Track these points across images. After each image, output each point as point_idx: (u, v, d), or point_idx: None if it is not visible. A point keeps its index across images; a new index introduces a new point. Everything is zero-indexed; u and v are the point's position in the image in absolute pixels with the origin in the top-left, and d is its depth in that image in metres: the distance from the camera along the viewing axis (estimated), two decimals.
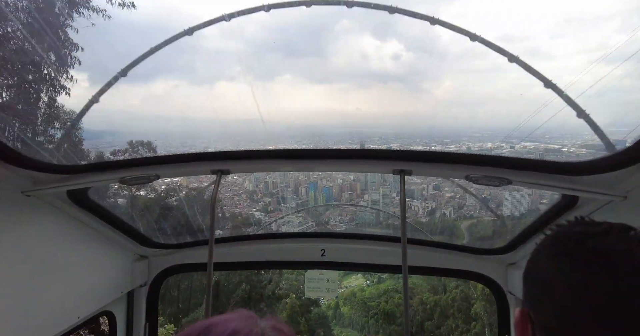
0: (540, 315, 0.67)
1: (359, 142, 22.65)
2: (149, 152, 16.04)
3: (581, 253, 0.63)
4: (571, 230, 0.69)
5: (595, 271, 0.60)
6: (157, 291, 2.64)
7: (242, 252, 2.58)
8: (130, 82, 28.72)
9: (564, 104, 11.63)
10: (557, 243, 0.69)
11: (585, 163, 1.45)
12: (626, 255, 0.60)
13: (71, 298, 1.97)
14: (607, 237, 0.63)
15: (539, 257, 0.72)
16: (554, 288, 0.65)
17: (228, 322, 0.67)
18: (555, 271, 0.66)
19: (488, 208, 20.13)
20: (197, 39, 38.46)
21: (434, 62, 38.11)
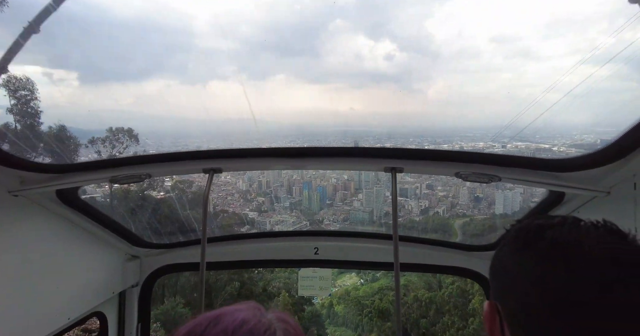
0: (506, 307, 0.70)
1: (352, 141, 22.68)
2: (130, 140, 15.36)
3: (541, 245, 0.67)
4: (531, 223, 0.72)
5: (553, 263, 0.64)
6: (149, 291, 2.62)
7: (235, 251, 2.58)
8: (120, 80, 28.36)
9: (554, 104, 11.80)
10: (519, 237, 0.72)
11: (570, 160, 1.49)
12: (577, 245, 0.63)
13: (61, 299, 1.95)
14: (562, 228, 0.67)
15: (503, 251, 0.76)
16: (517, 282, 0.68)
17: (237, 312, 0.69)
18: (518, 264, 0.69)
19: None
20: (190, 38, 38.17)
21: (427, 62, 38.41)
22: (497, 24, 38.63)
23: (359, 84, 41.43)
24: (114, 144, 15.50)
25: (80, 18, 22.53)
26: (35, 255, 1.80)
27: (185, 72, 37.20)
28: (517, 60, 38.04)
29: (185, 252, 2.59)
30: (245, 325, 0.66)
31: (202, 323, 0.67)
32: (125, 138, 15.78)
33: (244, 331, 0.64)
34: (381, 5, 41.01)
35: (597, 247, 0.62)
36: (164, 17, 39.70)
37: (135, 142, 15.96)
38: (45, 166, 1.68)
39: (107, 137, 15.38)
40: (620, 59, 11.16)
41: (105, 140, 15.26)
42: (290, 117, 37.12)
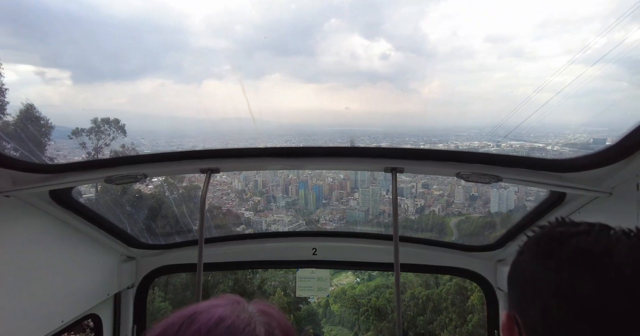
0: (527, 317, 0.67)
1: (348, 140, 22.71)
2: (117, 131, 14.46)
3: (564, 253, 0.63)
4: (554, 230, 0.69)
5: (578, 272, 0.60)
6: (145, 292, 2.58)
7: (232, 251, 2.55)
8: (114, 79, 28.06)
9: (548, 104, 11.92)
10: (540, 244, 0.69)
11: (572, 161, 1.48)
12: (606, 255, 0.60)
13: (54, 302, 1.91)
14: (588, 237, 0.63)
15: (522, 259, 0.72)
16: (539, 290, 0.65)
17: (214, 309, 0.64)
18: (540, 272, 0.66)
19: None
20: (186, 37, 37.87)
21: (422, 62, 38.57)
22: (491, 24, 38.97)
23: (355, 83, 41.51)
24: (100, 136, 14.53)
25: (74, 17, 22.24)
26: (28, 257, 1.76)
27: (180, 71, 36.99)
28: (510, 59, 38.39)
29: (182, 253, 2.56)
30: (222, 323, 0.61)
31: (175, 322, 0.62)
32: (111, 130, 14.73)
33: (220, 330, 0.60)
34: (376, 5, 41.11)
35: (629, 257, 0.59)
36: (159, 15, 39.42)
37: (122, 133, 14.94)
38: (38, 166, 1.64)
39: (92, 129, 14.35)
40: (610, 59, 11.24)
41: (90, 131, 14.25)
42: (286, 116, 37.08)
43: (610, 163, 1.34)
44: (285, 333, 0.67)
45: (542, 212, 1.89)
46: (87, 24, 23.31)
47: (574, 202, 1.71)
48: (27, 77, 24.16)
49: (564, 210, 1.78)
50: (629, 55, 26.07)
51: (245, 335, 0.60)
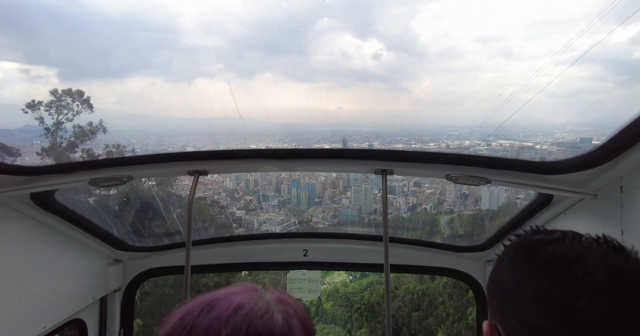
0: (508, 325, 0.67)
1: (341, 140, 22.74)
2: (82, 106, 12.57)
3: (542, 261, 0.65)
4: (530, 238, 0.71)
5: (555, 278, 0.62)
6: (132, 296, 2.54)
7: (221, 253, 2.52)
8: (102, 77, 27.58)
9: (536, 103, 12.11)
10: (518, 252, 0.71)
11: (558, 163, 1.49)
12: (580, 261, 0.62)
13: (36, 307, 1.85)
14: (563, 244, 0.66)
15: (502, 267, 0.73)
16: (519, 297, 0.66)
17: (232, 296, 0.65)
18: (519, 280, 0.67)
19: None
20: (176, 35, 37.40)
21: (413, 61, 38.83)
22: (481, 24, 39.42)
23: (347, 82, 41.57)
24: (61, 110, 12.60)
25: (61, 13, 21.73)
26: (8, 261, 1.71)
27: (170, 70, 36.48)
28: (500, 60, 38.90)
29: (170, 255, 2.52)
30: (241, 310, 0.62)
31: (194, 309, 0.63)
32: (75, 104, 12.77)
33: (239, 317, 0.60)
34: (367, 5, 41.20)
35: (601, 263, 0.61)
36: (148, 13, 38.81)
37: (89, 108, 13.08)
38: (18, 168, 1.59)
39: (51, 102, 12.39)
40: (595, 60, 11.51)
41: (50, 105, 12.30)
42: (278, 116, 36.97)
43: (595, 165, 1.36)
44: (302, 321, 0.67)
45: (530, 214, 1.91)
46: (74, 21, 22.78)
47: (561, 203, 1.74)
48: (10, 75, 23.51)
49: (551, 212, 1.81)
50: (613, 56, 26.68)
51: (263, 322, 0.61)
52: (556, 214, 1.80)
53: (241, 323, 0.60)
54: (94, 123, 13.63)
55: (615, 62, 25.99)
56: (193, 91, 35.23)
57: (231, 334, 0.58)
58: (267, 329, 0.61)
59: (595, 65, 28.07)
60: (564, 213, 1.76)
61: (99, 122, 13.60)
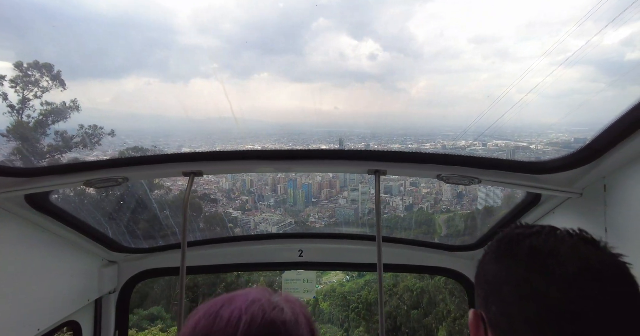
0: (490, 313, 0.72)
1: (337, 140, 22.76)
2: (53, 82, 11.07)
3: (521, 253, 0.70)
4: (512, 232, 0.76)
5: (531, 269, 0.67)
6: (127, 297, 2.54)
7: (216, 254, 2.53)
8: (97, 77, 27.34)
9: (531, 104, 12.22)
10: (500, 246, 0.76)
11: (546, 163, 1.53)
12: (553, 253, 0.67)
13: (30, 309, 1.86)
14: (539, 237, 0.71)
15: (486, 260, 0.78)
16: (500, 287, 0.70)
17: (248, 293, 0.77)
18: (500, 271, 0.72)
19: None
20: (171, 35, 37.21)
21: (409, 62, 38.95)
22: (476, 24, 39.62)
23: (343, 83, 41.59)
24: (27, 86, 11.31)
25: (54, 12, 21.49)
26: (1, 263, 1.71)
27: (166, 70, 36.25)
28: (494, 60, 39.14)
29: (165, 256, 2.53)
30: (258, 302, 0.74)
31: (217, 302, 0.75)
32: (43, 78, 11.25)
33: (255, 308, 0.72)
34: (363, 5, 41.25)
35: (572, 254, 0.66)
36: (143, 12, 38.52)
37: (60, 84, 11.58)
38: (12, 169, 1.59)
39: (17, 77, 11.11)
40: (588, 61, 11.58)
41: (15, 81, 10.97)
42: (274, 116, 36.93)
43: (580, 165, 1.40)
44: (306, 317, 0.79)
45: (520, 212, 1.95)
46: (68, 20, 22.54)
47: (549, 202, 1.78)
48: (2, 74, 23.23)
49: (539, 211, 1.85)
50: (605, 58, 26.99)
51: (276, 313, 0.73)
52: (545, 213, 1.84)
53: (257, 312, 0.71)
54: (66, 103, 12.10)
55: (607, 63, 26.33)
56: (189, 91, 35.07)
57: (249, 320, 0.69)
58: (279, 318, 0.72)
59: (587, 66, 28.38)
60: (552, 212, 1.80)
61: (73, 100, 12.04)
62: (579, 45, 10.42)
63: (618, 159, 1.30)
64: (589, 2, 6.58)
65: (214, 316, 0.71)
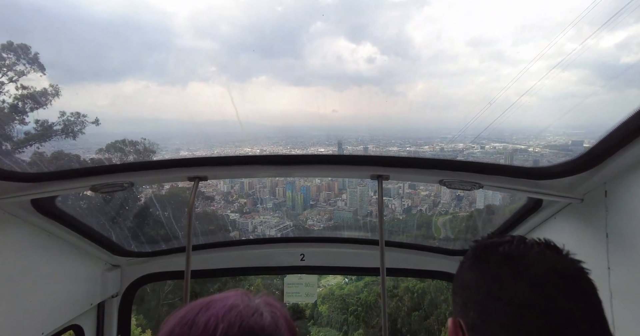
0: (469, 318, 0.77)
1: (336, 143, 22.79)
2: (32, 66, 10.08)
3: (494, 259, 0.77)
4: (486, 242, 0.83)
5: (504, 273, 0.73)
6: (130, 301, 2.55)
7: (219, 258, 2.54)
8: (95, 80, 27.31)
9: (528, 107, 12.29)
10: (476, 254, 0.82)
11: (547, 168, 1.56)
12: (523, 258, 0.74)
13: (34, 313, 1.86)
14: (511, 245, 0.78)
15: (463, 268, 0.84)
16: (477, 293, 0.76)
17: (226, 298, 0.74)
18: (476, 277, 0.78)
19: None
20: (169, 37, 37.27)
21: (407, 65, 39.14)
22: (473, 28, 39.89)
23: (342, 86, 41.69)
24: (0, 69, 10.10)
25: (51, 14, 21.48)
26: (7, 267, 1.72)
27: (164, 73, 36.21)
28: (492, 63, 39.36)
29: (169, 260, 2.53)
30: (235, 308, 0.71)
31: (193, 308, 0.71)
32: (20, 62, 10.04)
33: (233, 315, 0.69)
34: (361, 8, 41.50)
35: (540, 259, 0.73)
36: (141, 14, 38.54)
37: (39, 69, 10.41)
38: (20, 174, 1.61)
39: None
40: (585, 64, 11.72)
41: None
42: (273, 119, 36.93)
43: (581, 171, 1.43)
44: (287, 322, 0.77)
45: (521, 218, 1.97)
46: (65, 23, 22.50)
47: (550, 208, 1.80)
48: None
49: (541, 216, 1.87)
50: (602, 61, 27.23)
51: (254, 319, 0.71)
52: (546, 218, 1.86)
53: (235, 319, 0.69)
54: (48, 90, 11.04)
55: (603, 66, 26.55)
56: (188, 94, 35.03)
57: (227, 328, 0.67)
58: (258, 324, 0.70)
59: (584, 69, 28.62)
60: (553, 217, 1.82)
61: (54, 86, 10.95)
62: (575, 48, 10.52)
63: (619, 165, 1.32)
64: (584, 5, 6.70)
65: (189, 325, 0.68)
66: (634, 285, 1.31)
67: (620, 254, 1.37)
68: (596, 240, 1.46)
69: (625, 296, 1.34)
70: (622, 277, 1.36)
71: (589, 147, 1.35)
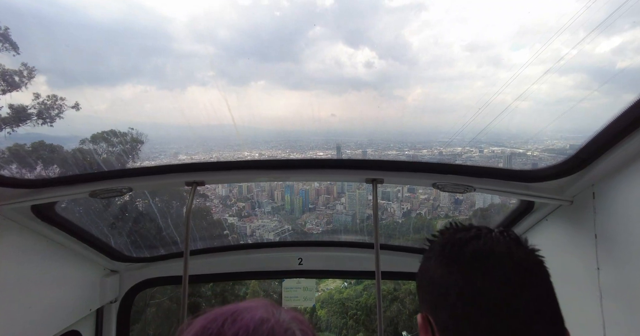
0: (438, 317, 0.77)
1: (334, 147, 22.84)
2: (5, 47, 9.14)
3: (464, 258, 0.75)
4: (454, 237, 0.81)
5: (474, 272, 0.73)
6: (128, 307, 2.55)
7: (218, 263, 2.56)
8: (93, 84, 27.33)
9: (526, 111, 12.38)
10: (445, 251, 0.80)
11: (538, 171, 1.60)
12: (491, 255, 0.73)
13: (32, 319, 1.88)
14: (479, 240, 0.76)
15: (430, 264, 0.82)
16: (447, 293, 0.75)
17: (254, 310, 0.66)
18: (446, 277, 0.76)
19: None
20: (168, 42, 37.43)
21: (405, 70, 39.38)
22: (470, 33, 40.18)
23: (340, 90, 41.85)
24: None
25: (49, 18, 21.53)
26: (5, 273, 1.73)
27: (162, 77, 36.26)
28: (488, 68, 39.62)
29: (167, 265, 2.55)
30: (265, 324, 0.63)
31: (217, 319, 0.63)
32: None
33: (265, 330, 0.62)
34: (359, 13, 41.81)
35: (507, 254, 0.73)
36: (139, 19, 38.68)
37: (12, 47, 9.48)
38: (20, 181, 1.63)
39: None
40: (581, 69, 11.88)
41: None
42: (271, 123, 36.98)
43: (570, 174, 1.47)
44: None
45: (514, 220, 2.00)
46: (62, 27, 22.53)
47: (542, 210, 1.83)
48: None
49: (532, 218, 1.90)
50: (598, 66, 27.50)
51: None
52: (538, 220, 1.90)
53: (267, 335, 0.61)
54: (22, 71, 9.95)
55: (600, 71, 26.82)
56: (186, 98, 35.06)
57: None
58: None
59: (581, 74, 28.86)
60: (545, 219, 1.86)
61: (25, 64, 9.74)
62: (571, 53, 10.64)
63: (605, 167, 1.36)
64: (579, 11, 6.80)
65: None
66: (623, 285, 1.34)
67: (609, 255, 1.40)
68: (586, 241, 1.50)
69: (615, 296, 1.37)
70: (611, 277, 1.39)
71: (576, 150, 1.39)
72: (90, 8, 31.97)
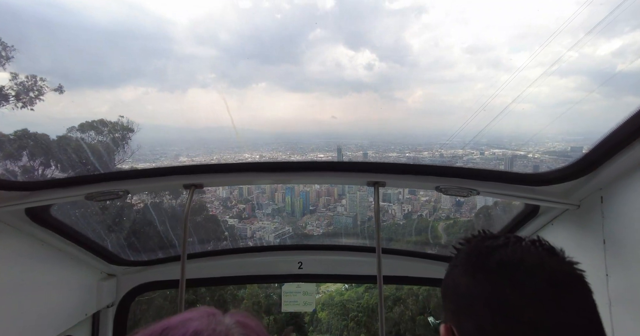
0: (462, 328, 0.72)
1: (335, 149, 22.84)
2: None
3: (491, 266, 0.71)
4: (481, 245, 0.76)
5: (502, 282, 0.68)
6: (125, 311, 2.51)
7: (216, 266, 2.52)
8: (94, 87, 27.38)
9: (527, 113, 12.36)
10: (470, 259, 0.76)
11: (544, 175, 1.56)
12: (521, 264, 0.69)
13: (28, 324, 1.84)
14: (507, 249, 0.72)
15: (455, 273, 0.78)
16: (473, 303, 0.71)
17: (188, 323, 0.60)
18: (472, 286, 0.72)
19: None
20: (169, 44, 37.54)
21: (405, 72, 39.47)
22: (470, 35, 40.35)
23: (340, 92, 41.97)
24: None
25: (51, 21, 21.65)
26: (0, 277, 1.70)
27: (164, 79, 36.46)
28: (489, 70, 39.70)
29: (165, 269, 2.51)
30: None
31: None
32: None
33: None
34: (359, 16, 41.99)
35: (539, 265, 0.68)
36: (141, 21, 38.88)
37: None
38: (14, 183, 1.60)
39: None
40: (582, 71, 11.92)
41: None
42: (272, 125, 37.17)
43: (576, 177, 1.43)
44: None
45: (518, 224, 1.96)
46: (64, 29, 22.66)
47: (548, 214, 1.79)
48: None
49: (538, 222, 1.86)
50: (599, 68, 27.50)
51: None
52: (543, 224, 1.86)
53: None
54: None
55: (601, 74, 26.86)
56: (187, 100, 35.24)
57: None
58: None
59: (581, 76, 28.89)
60: (550, 223, 1.81)
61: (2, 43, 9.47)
62: (573, 56, 10.64)
63: (614, 171, 1.32)
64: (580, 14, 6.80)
65: None
66: (633, 292, 1.30)
67: (618, 260, 1.36)
68: (594, 247, 1.45)
69: (624, 303, 1.33)
70: (621, 284, 1.34)
71: (584, 153, 1.35)
72: (91, 10, 32.11)
